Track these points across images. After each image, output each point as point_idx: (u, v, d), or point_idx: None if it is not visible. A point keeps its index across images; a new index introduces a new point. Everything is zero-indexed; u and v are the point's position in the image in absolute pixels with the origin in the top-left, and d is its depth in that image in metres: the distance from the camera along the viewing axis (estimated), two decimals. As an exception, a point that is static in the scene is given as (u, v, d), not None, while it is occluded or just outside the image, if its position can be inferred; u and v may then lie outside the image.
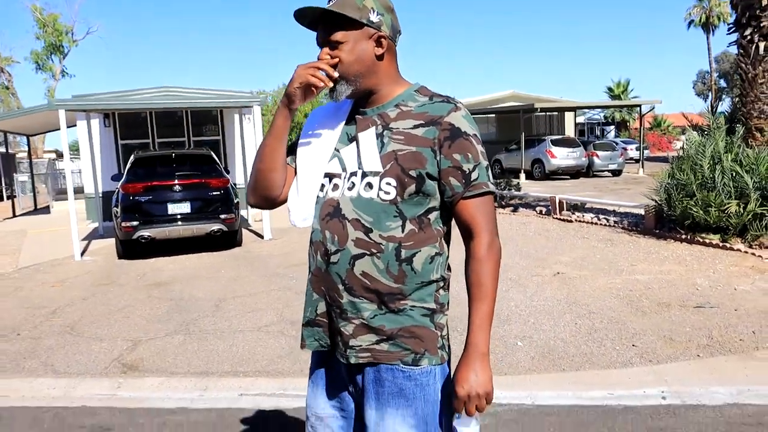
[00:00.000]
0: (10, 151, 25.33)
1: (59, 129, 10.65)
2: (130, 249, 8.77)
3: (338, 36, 1.48)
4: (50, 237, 11.71)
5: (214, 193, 8.92)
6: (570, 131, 24.12)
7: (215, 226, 8.80)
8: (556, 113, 24.00)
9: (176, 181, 8.77)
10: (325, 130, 1.60)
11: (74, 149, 24.69)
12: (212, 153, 9.95)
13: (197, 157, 9.75)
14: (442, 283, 1.52)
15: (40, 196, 20.52)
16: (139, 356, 4.55)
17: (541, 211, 10.61)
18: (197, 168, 9.25)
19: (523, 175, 19.60)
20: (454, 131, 1.44)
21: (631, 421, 3.23)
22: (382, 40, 1.50)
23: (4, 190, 23.72)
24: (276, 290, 6.41)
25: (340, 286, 1.47)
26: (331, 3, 1.48)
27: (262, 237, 10.14)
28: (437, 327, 1.50)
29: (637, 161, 23.22)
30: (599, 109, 36.04)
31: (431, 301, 1.49)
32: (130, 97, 11.90)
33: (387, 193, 1.45)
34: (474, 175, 1.45)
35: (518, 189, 12.54)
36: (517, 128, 20.03)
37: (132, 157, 9.56)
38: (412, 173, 1.44)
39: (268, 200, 1.65)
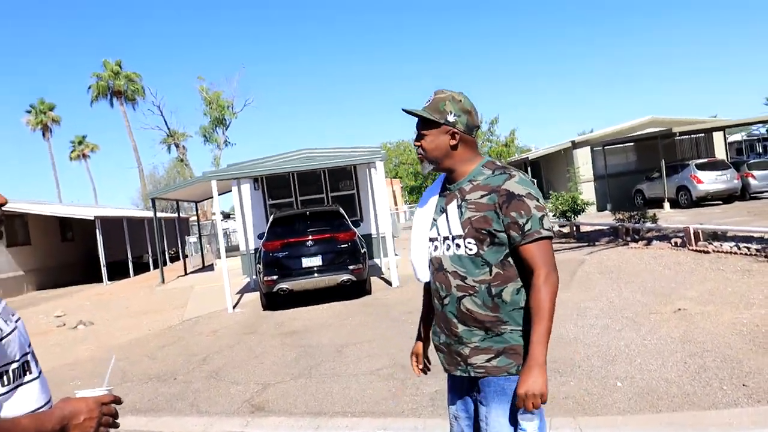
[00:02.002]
0: (182, 215, 28.83)
1: (219, 194, 12.27)
2: (272, 300, 9.73)
3: (424, 131, 2.06)
4: (212, 291, 13.22)
5: (342, 246, 9.65)
6: (720, 152, 22.19)
7: (344, 277, 9.50)
8: (702, 135, 22.27)
9: (309, 237, 9.65)
10: (428, 204, 2.17)
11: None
12: (340, 208, 10.77)
13: (326, 213, 10.61)
14: (527, 307, 1.95)
15: (207, 255, 23.06)
16: (266, 398, 5.16)
17: (676, 243, 10.04)
18: (327, 223, 10.08)
19: (667, 204, 18.35)
20: (509, 195, 1.92)
21: (722, 464, 3.14)
22: (456, 134, 2.02)
23: (180, 251, 26.97)
24: (394, 336, 6.82)
25: (455, 320, 2.01)
26: (425, 105, 2.05)
27: (390, 284, 10.68)
28: (526, 342, 1.92)
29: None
30: (759, 124, 32.38)
31: (521, 320, 1.95)
32: (271, 162, 13.28)
33: (470, 249, 1.96)
34: (527, 226, 1.89)
35: (654, 221, 11.88)
36: (658, 155, 18.93)
37: (271, 218, 10.67)
38: (483, 231, 1.94)
39: None
